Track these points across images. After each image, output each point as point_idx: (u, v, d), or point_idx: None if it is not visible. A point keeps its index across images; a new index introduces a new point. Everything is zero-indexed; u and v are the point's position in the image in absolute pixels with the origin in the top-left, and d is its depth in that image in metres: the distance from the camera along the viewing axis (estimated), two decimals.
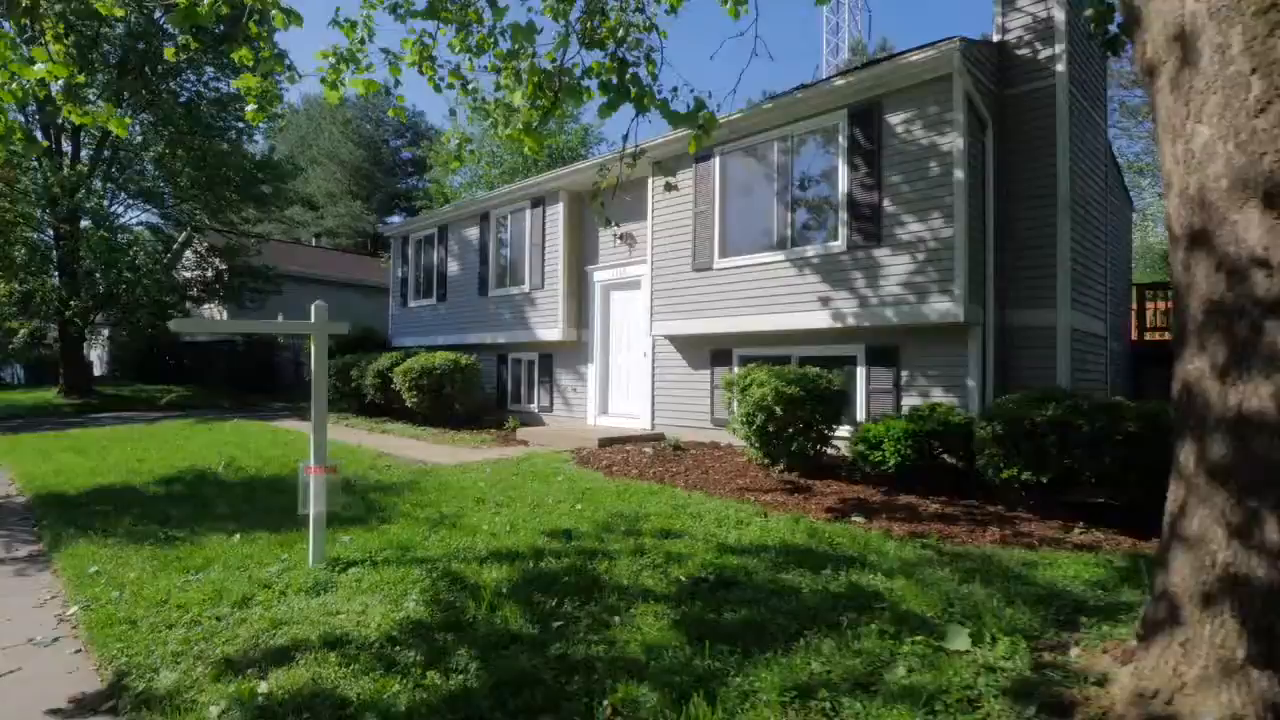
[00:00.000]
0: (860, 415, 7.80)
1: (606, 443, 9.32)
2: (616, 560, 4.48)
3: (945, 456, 6.24)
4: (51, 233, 18.11)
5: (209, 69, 19.20)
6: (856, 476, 6.90)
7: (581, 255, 11.64)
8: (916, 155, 7.18)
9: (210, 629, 3.52)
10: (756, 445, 7.13)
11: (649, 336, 10.31)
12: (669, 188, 6.47)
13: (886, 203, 7.39)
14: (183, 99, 19.16)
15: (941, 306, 6.93)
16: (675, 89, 7.32)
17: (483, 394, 12.67)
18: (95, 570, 4.63)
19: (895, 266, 7.31)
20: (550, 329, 11.58)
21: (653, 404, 10.26)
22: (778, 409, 6.69)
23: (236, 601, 4.00)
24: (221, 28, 18.81)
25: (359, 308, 24.27)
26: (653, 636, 3.26)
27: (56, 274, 18.09)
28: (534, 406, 12.47)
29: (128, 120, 5.95)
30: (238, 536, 5.32)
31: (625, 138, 5.75)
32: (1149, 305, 13.47)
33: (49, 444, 10.70)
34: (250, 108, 7.01)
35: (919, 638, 3.15)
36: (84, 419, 15.17)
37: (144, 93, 18.08)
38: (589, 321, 11.36)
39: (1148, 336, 13.22)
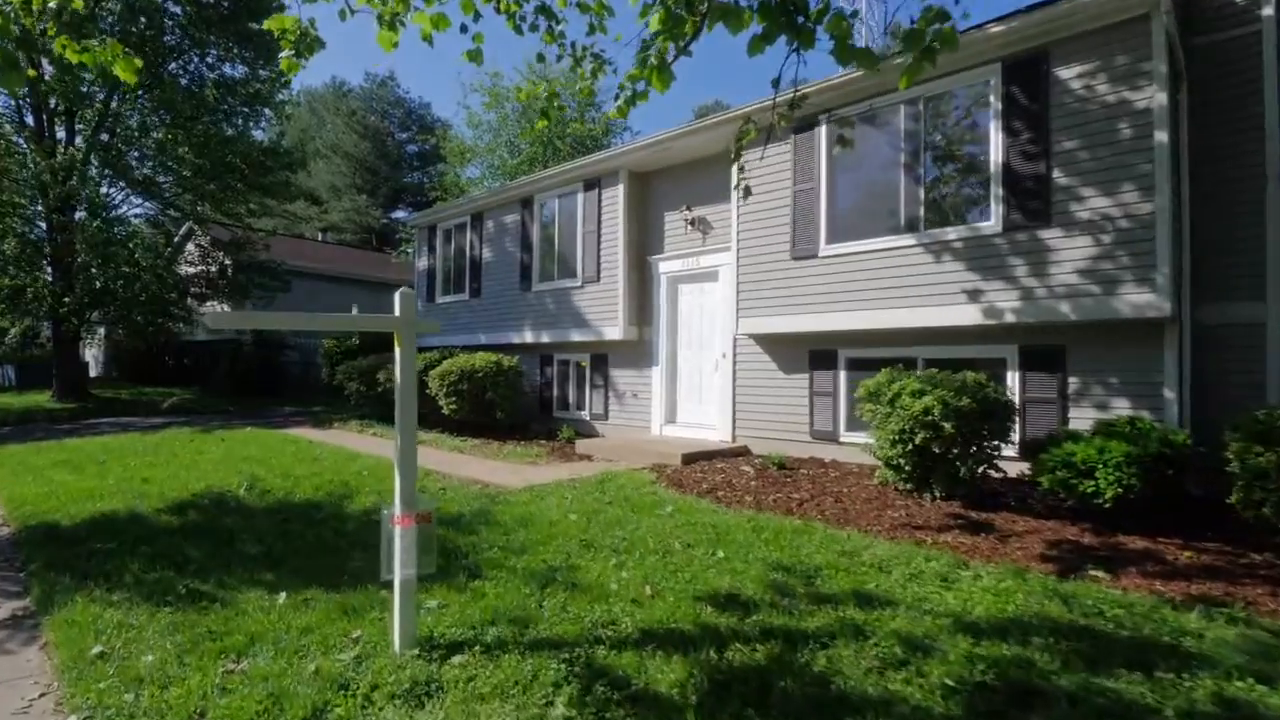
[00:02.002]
0: (1014, 433, 6.50)
1: (691, 459, 8.02)
2: (830, 647, 3.22)
3: (1187, 488, 4.94)
4: (44, 224, 16.71)
5: (213, 50, 17.81)
6: (1035, 507, 5.62)
7: (644, 244, 10.33)
8: (1099, 115, 5.89)
9: None
10: (906, 468, 5.84)
11: (729, 335, 9.01)
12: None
13: (1057, 174, 6.10)
14: (184, 82, 17.77)
15: (1138, 299, 5.65)
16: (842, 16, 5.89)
17: (524, 399, 11.35)
18: (99, 651, 3.39)
19: (1070, 250, 6.02)
20: (607, 326, 10.27)
21: (733, 413, 8.95)
22: (947, 425, 5.39)
23: (305, 718, 2.72)
24: (227, 3, 17.51)
25: (367, 305, 22.94)
26: None
27: (50, 268, 16.69)
28: (585, 414, 11.16)
29: (137, 62, 4.62)
30: (283, 596, 4.05)
31: (777, 82, 4.43)
32: None
33: (40, 457, 9.34)
34: (285, 54, 5.63)
35: None
36: (79, 426, 13.79)
37: (145, 72, 16.69)
38: (653, 318, 10.05)
39: None
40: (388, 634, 3.40)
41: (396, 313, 3.43)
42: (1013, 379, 6.62)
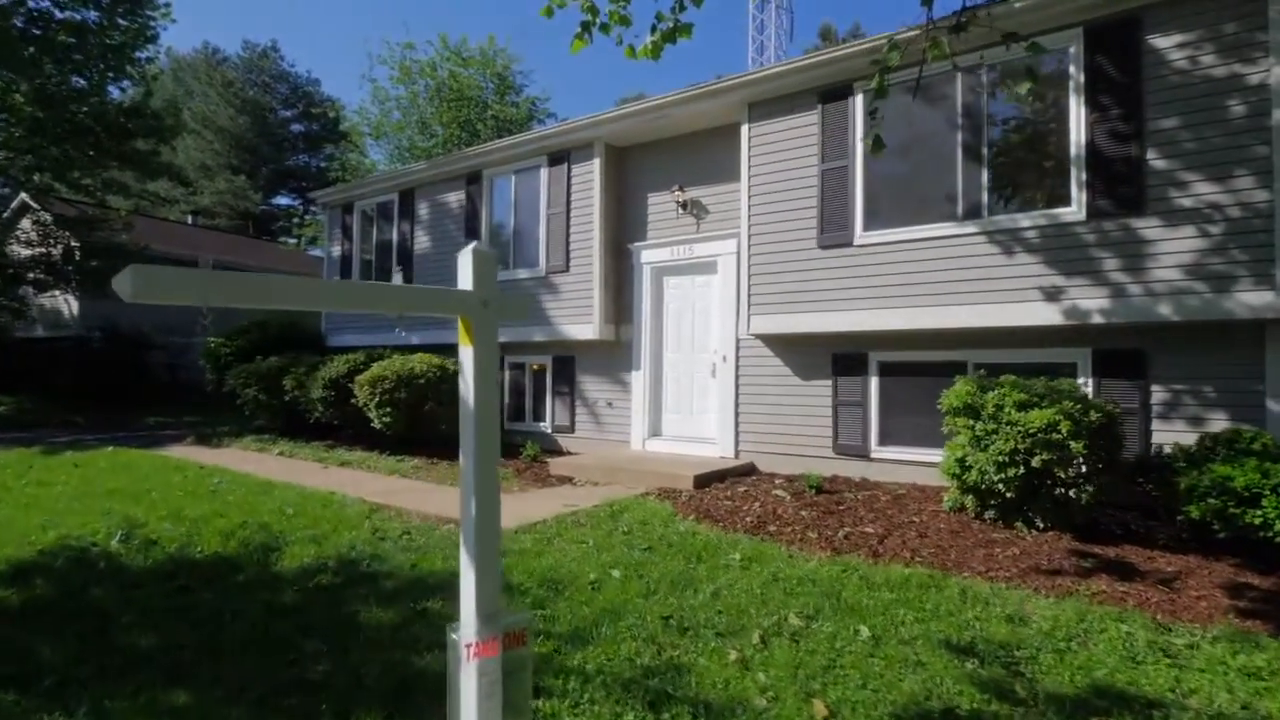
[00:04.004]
0: None
1: (703, 481, 6.75)
2: None
3: None
4: None
5: None
6: (1157, 539, 4.80)
7: (623, 229, 8.95)
8: (1204, 91, 5.21)
9: None
10: (1007, 495, 4.86)
11: (730, 335, 7.84)
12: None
13: (1153, 156, 5.37)
14: (20, 23, 14.41)
15: (1254, 298, 4.98)
16: None
17: None
18: None
19: (1169, 243, 5.30)
20: (578, 324, 8.81)
21: (736, 425, 7.78)
22: (1075, 445, 4.45)
23: None
24: None
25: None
26: None
27: None
28: (544, 426, 9.61)
29: None
30: None
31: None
32: None
33: None
34: None
35: None
36: None
37: None
38: (633, 315, 8.71)
39: None
40: None
41: (468, 283, 1.92)
42: (1084, 387, 5.85)
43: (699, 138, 8.23)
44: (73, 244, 16.59)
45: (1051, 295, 5.74)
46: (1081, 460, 4.56)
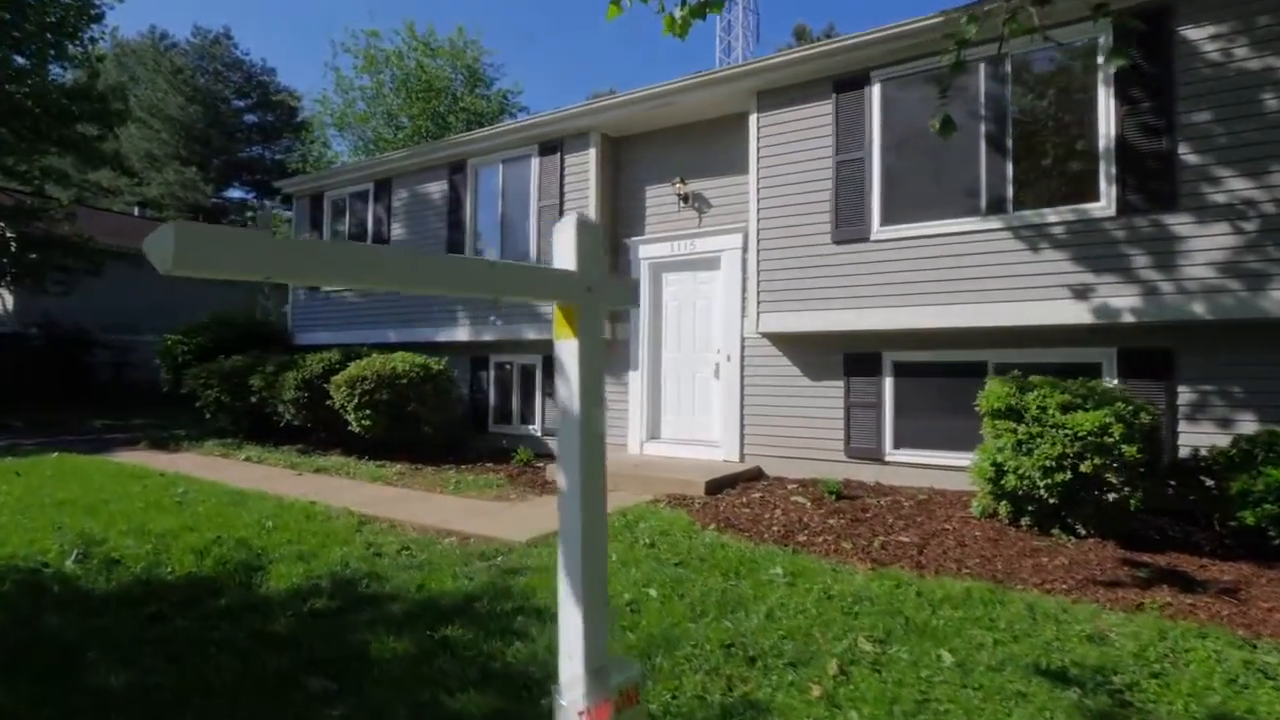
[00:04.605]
0: None
1: (715, 487, 6.42)
2: None
3: None
4: None
5: None
6: (1202, 545, 4.64)
7: (619, 222, 8.56)
8: (1238, 85, 5.10)
9: None
10: (1050, 501, 4.64)
11: (735, 333, 7.53)
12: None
13: (1185, 151, 5.24)
14: None
15: None
16: None
17: (451, 412, 9.11)
18: None
19: (1203, 240, 5.17)
20: None
21: (741, 427, 7.47)
22: (1129, 449, 4.25)
23: None
24: None
25: (214, 296, 18.96)
26: None
27: None
28: (533, 428, 9.15)
29: None
30: None
31: None
32: None
33: None
34: None
35: None
36: None
37: None
38: (630, 313, 8.33)
39: None
40: None
41: (570, 262, 1.53)
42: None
43: (701, 128, 7.90)
44: (8, 235, 15.40)
45: (1079, 293, 5.57)
46: (1134, 465, 4.36)
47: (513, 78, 45.95)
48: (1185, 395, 5.50)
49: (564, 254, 1.50)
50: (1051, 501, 4.65)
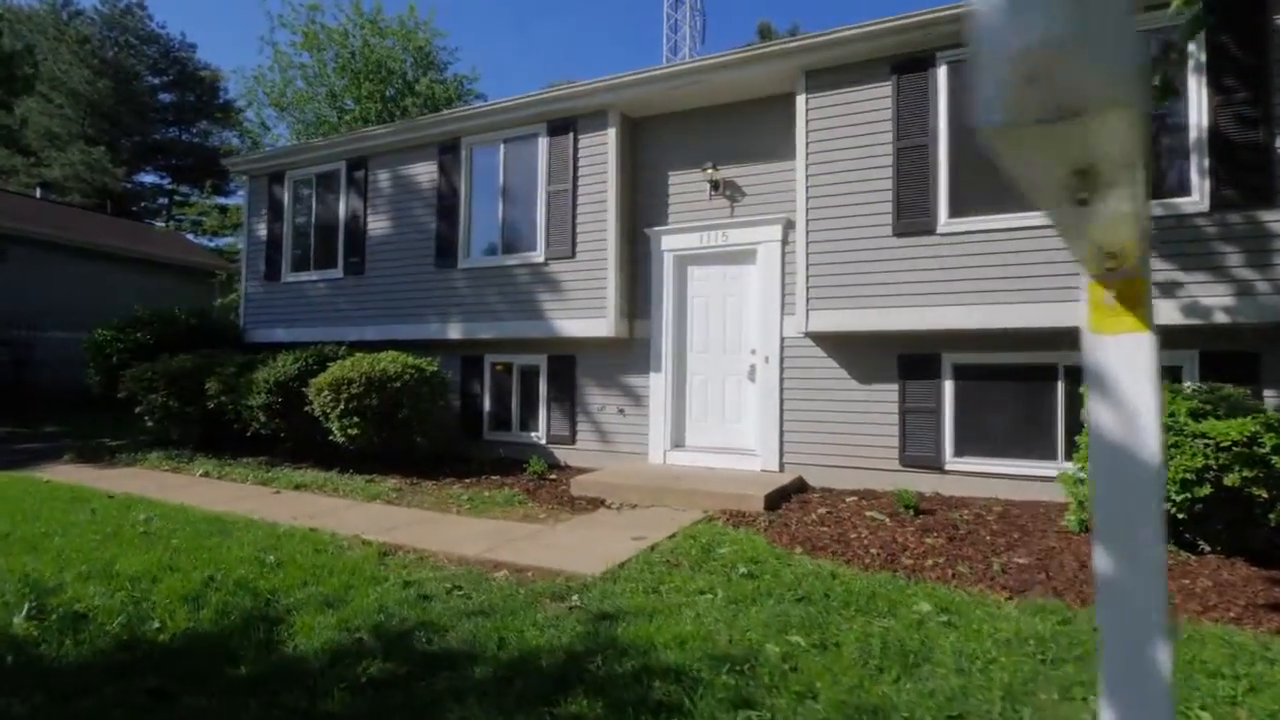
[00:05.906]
0: None
1: (774, 501, 5.83)
2: None
3: None
4: None
5: None
6: None
7: (638, 212, 7.85)
8: None
9: None
10: (1180, 517, 4.27)
11: (773, 333, 6.97)
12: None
13: None
14: None
15: None
16: None
17: (442, 418, 8.19)
18: None
19: None
20: (585, 319, 7.62)
21: (780, 435, 6.91)
22: (1276, 460, 3.91)
23: None
24: None
25: (133, 288, 17.07)
26: None
27: None
28: (537, 436, 8.32)
29: None
30: None
31: None
32: None
33: None
34: None
35: None
36: None
37: None
38: (652, 310, 7.64)
39: None
40: None
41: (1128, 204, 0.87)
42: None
43: (734, 110, 7.30)
44: None
45: (1166, 291, 5.28)
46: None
47: (470, 61, 44.07)
48: (1270, 399, 5.29)
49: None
50: (1180, 517, 4.28)
